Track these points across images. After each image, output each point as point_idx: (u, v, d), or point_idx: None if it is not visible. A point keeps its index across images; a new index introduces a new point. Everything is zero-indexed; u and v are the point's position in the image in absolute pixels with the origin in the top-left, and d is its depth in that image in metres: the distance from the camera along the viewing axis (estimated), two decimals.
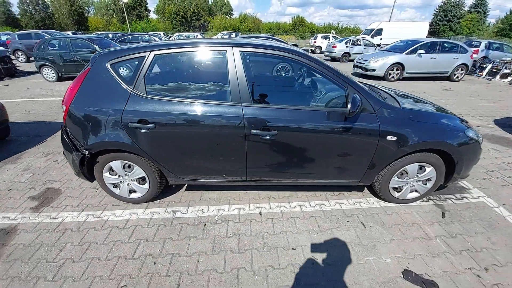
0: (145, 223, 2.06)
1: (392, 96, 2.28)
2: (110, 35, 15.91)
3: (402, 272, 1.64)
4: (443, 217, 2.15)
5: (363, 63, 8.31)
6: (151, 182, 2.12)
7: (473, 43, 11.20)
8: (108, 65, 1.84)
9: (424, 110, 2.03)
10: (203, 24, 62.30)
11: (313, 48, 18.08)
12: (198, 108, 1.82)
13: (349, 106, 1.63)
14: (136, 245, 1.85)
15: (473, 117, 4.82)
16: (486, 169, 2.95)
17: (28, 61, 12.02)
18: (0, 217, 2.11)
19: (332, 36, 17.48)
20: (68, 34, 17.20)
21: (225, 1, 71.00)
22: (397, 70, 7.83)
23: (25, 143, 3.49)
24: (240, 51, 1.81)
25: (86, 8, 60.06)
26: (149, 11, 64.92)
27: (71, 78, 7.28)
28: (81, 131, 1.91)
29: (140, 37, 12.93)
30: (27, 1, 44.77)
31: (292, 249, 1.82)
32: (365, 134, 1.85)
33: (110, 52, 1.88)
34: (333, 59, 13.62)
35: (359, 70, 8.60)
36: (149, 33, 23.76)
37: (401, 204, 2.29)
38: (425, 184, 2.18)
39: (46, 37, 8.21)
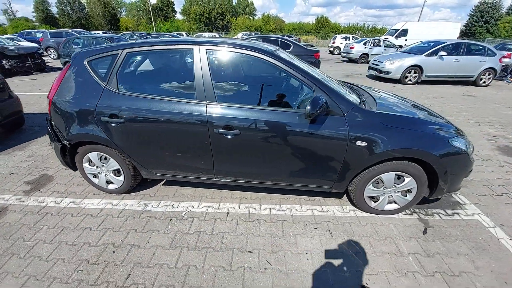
0: (116, 213, 2.16)
1: (374, 99, 2.14)
2: (136, 35, 16.88)
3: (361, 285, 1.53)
4: (424, 233, 1.97)
5: (378, 65, 7.88)
6: (125, 174, 2.21)
7: (507, 46, 10.08)
8: (85, 62, 1.96)
9: (403, 115, 1.87)
10: (226, 25, 63.54)
11: (331, 49, 17.57)
12: (165, 105, 1.86)
13: (308, 107, 1.55)
14: (102, 233, 1.94)
15: (492, 125, 4.34)
16: (491, 184, 2.64)
17: (59, 57, 13.20)
18: None
19: (353, 37, 16.82)
20: (99, 34, 18.65)
21: (249, 2, 71.81)
22: (414, 73, 7.31)
23: (36, 132, 3.83)
24: (206, 49, 1.81)
25: (119, 9, 64.34)
26: (175, 12, 67.72)
27: None
28: (62, 123, 2.05)
29: (161, 37, 13.56)
30: (65, 1, 48.97)
31: (249, 252, 1.78)
32: (333, 137, 1.76)
33: (88, 50, 2.00)
34: (351, 61, 13.12)
35: (373, 72, 8.18)
36: (172, 33, 24.81)
37: (379, 216, 2.14)
38: (405, 196, 2.01)
39: (75, 36, 8.94)
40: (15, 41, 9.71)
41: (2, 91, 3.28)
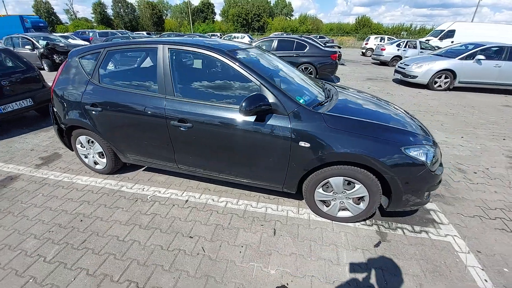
0: (96, 190, 2.48)
1: (332, 99, 2.08)
2: (173, 35, 18.32)
3: (276, 287, 1.54)
4: (375, 246, 1.85)
5: (404, 68, 7.24)
6: (107, 157, 2.53)
7: None
8: (77, 58, 2.31)
9: (354, 118, 1.78)
10: (262, 26, 64.34)
11: (363, 51, 16.56)
12: (133, 97, 2.09)
13: (243, 104, 1.61)
14: (79, 204, 2.27)
15: None
16: (487, 205, 2.31)
17: None
18: (13, 167, 2.88)
19: (388, 38, 15.60)
20: (143, 34, 20.68)
21: (287, 3, 71.57)
22: (445, 78, 6.53)
23: None
24: (168, 48, 1.99)
25: (165, 11, 70.01)
26: (215, 14, 70.94)
27: None
28: (60, 109, 2.45)
29: (193, 37, 14.48)
30: (119, 4, 55.09)
31: (190, 237, 1.91)
32: (277, 136, 1.78)
33: (81, 48, 2.35)
34: (382, 63, 12.23)
35: (398, 76, 7.54)
36: (208, 33, 26.18)
37: (333, 222, 2.07)
38: (358, 204, 1.91)
39: (116, 35, 10.12)
40: (68, 40, 11.38)
41: (37, 82, 3.97)
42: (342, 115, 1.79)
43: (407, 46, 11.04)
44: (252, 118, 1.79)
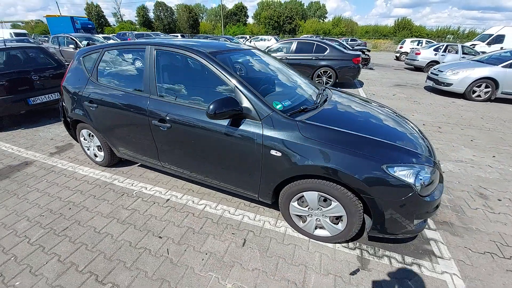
0: (91, 180, 2.64)
1: (320, 106, 1.92)
2: (202, 38, 19.12)
3: None
4: (351, 274, 1.65)
5: (437, 75, 6.50)
6: (104, 150, 2.68)
7: None
8: (81, 58, 2.49)
9: (333, 129, 1.60)
10: (294, 28, 63.72)
11: (397, 55, 15.34)
12: (123, 95, 2.18)
13: (210, 107, 1.56)
14: (73, 193, 2.43)
15: None
16: (505, 241, 1.93)
17: None
18: (31, 154, 3.22)
19: (427, 41, 14.20)
20: (178, 35, 21.93)
21: (321, 5, 69.94)
22: (486, 87, 5.69)
23: None
24: (155, 49, 2.03)
25: (201, 14, 73.33)
26: (247, 17, 72.20)
27: None
28: (67, 104, 2.66)
29: (219, 39, 14.90)
30: (160, 8, 59.06)
31: (159, 237, 1.91)
32: (249, 142, 1.69)
33: (84, 48, 2.52)
34: (417, 69, 11.17)
35: (430, 83, 6.80)
36: (237, 35, 26.74)
37: (311, 240, 1.90)
38: (336, 224, 1.73)
39: (150, 37, 10.84)
40: (109, 40, 12.53)
41: None
42: (320, 124, 1.63)
43: (446, 51, 9.90)
44: (225, 122, 1.74)
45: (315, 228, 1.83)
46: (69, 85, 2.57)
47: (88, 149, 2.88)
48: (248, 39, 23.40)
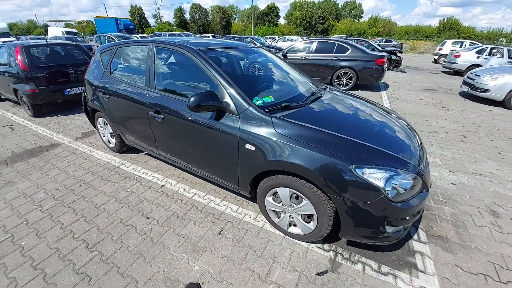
0: (103, 163, 2.96)
1: (307, 104, 1.91)
2: (227, 38, 19.68)
3: (190, 282, 1.55)
4: (318, 275, 1.63)
5: (474, 79, 5.83)
6: (115, 137, 2.98)
7: None
8: (99, 53, 2.80)
9: (307, 126, 1.59)
10: (326, 28, 61.86)
11: (436, 57, 14.00)
12: (128, 88, 2.42)
13: (190, 99, 1.66)
14: (86, 173, 2.76)
15: None
16: (506, 264, 1.72)
17: None
18: (60, 137, 3.70)
19: (471, 43, 12.71)
20: (209, 36, 22.89)
21: (357, 4, 66.79)
22: None
23: None
24: (156, 46, 2.22)
25: (233, 15, 75.10)
26: (279, 17, 71.96)
27: None
28: (88, 94, 3.01)
29: (245, 40, 15.14)
30: (196, 9, 61.82)
31: (147, 217, 2.09)
32: (227, 135, 1.78)
33: (103, 45, 2.83)
34: (456, 72, 10.10)
35: (466, 89, 6.13)
36: (266, 36, 26.92)
37: (286, 237, 1.91)
38: (307, 222, 1.72)
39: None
40: None
41: None
42: (295, 122, 1.63)
43: (491, 54, 8.77)
44: (208, 115, 1.84)
45: (289, 225, 1.84)
46: (89, 77, 2.92)
47: (104, 136, 3.22)
48: (275, 40, 23.38)
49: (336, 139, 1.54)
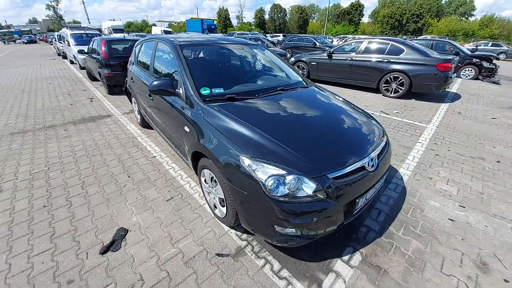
0: (128, 133, 3.80)
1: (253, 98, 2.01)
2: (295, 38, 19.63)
3: (121, 227, 1.96)
4: (217, 255, 1.73)
5: None
6: (140, 114, 3.76)
7: None
8: (136, 47, 3.59)
9: (229, 116, 1.72)
10: (420, 28, 52.52)
11: None
12: (141, 73, 3.06)
13: (152, 83, 2.04)
14: (113, 137, 3.64)
15: None
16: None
17: None
18: (115, 111, 4.87)
19: None
20: (279, 36, 23.58)
21: (466, 0, 53.55)
22: None
23: None
24: (158, 42, 2.73)
25: (313, 15, 73.42)
26: (362, 16, 65.72)
27: None
28: (128, 78, 3.90)
29: (305, 39, 14.69)
30: (275, 9, 63.58)
31: (128, 176, 2.66)
32: (180, 116, 2.08)
33: (138, 40, 3.60)
34: None
35: None
36: (340, 35, 25.47)
37: (215, 218, 2.08)
38: (223, 207, 1.85)
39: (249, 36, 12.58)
40: None
41: None
42: (223, 111, 1.78)
43: None
44: (171, 98, 2.20)
45: (215, 207, 2.00)
46: (129, 65, 3.78)
47: (135, 112, 4.10)
48: (342, 39, 21.79)
49: (249, 132, 1.61)
